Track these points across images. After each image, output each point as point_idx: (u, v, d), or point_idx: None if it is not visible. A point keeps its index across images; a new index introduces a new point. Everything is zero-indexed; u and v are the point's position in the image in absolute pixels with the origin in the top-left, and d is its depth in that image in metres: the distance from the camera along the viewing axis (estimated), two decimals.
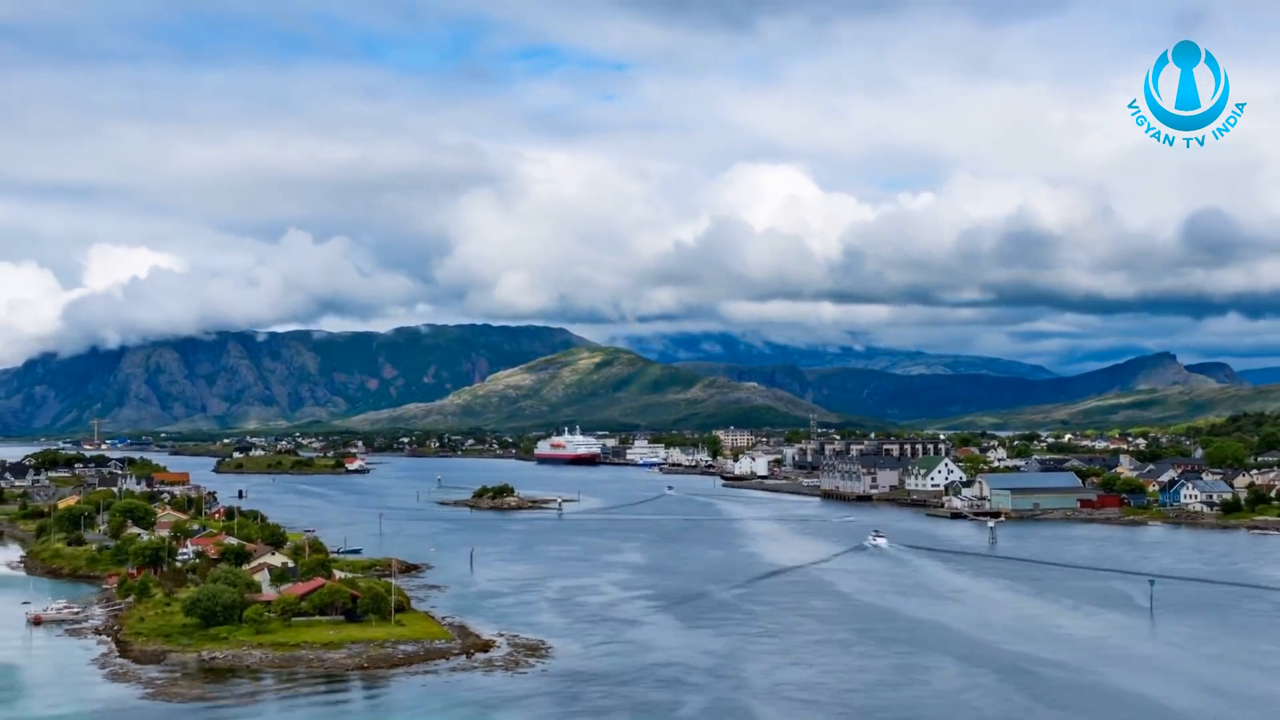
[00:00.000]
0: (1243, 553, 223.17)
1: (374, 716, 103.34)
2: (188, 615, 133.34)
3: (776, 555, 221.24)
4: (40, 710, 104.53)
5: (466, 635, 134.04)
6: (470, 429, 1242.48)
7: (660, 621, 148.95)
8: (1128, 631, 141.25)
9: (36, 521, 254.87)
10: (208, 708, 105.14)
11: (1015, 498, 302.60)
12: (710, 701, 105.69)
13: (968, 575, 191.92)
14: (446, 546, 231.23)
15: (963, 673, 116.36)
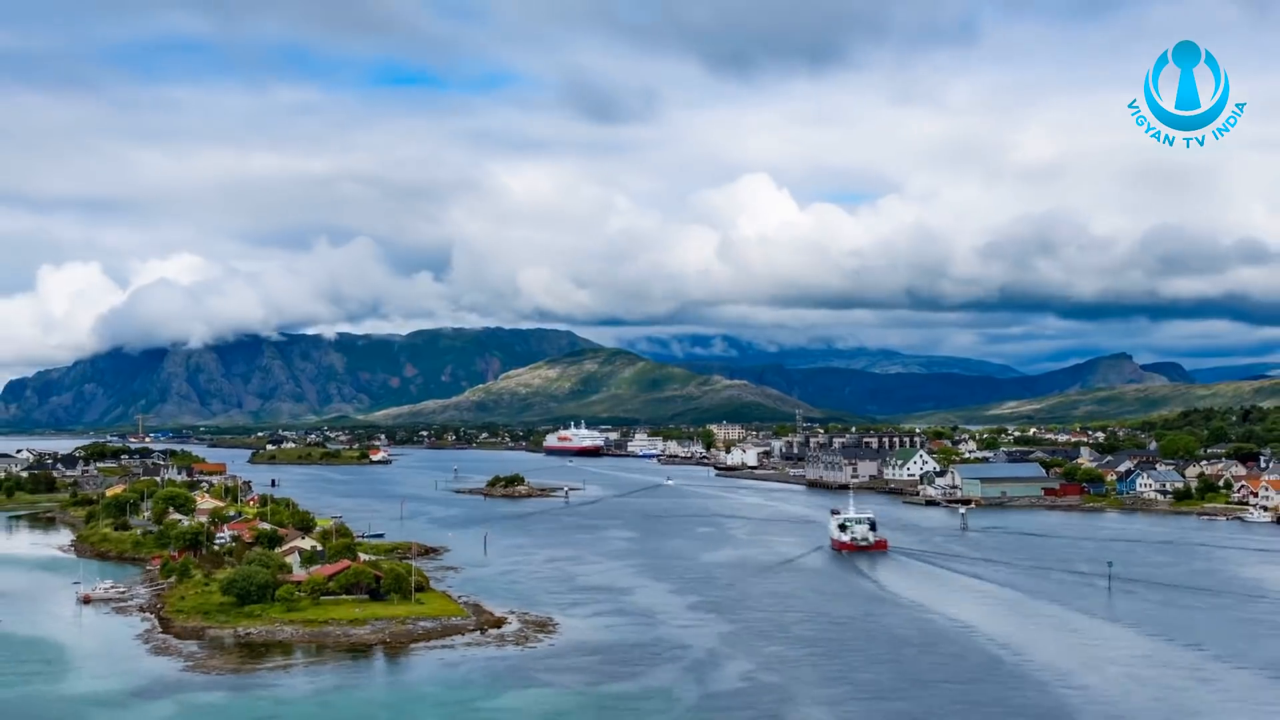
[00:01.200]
0: (1192, 536, 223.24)
1: (396, 688, 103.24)
2: (225, 594, 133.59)
3: (767, 545, 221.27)
4: (89, 681, 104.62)
5: (481, 613, 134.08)
6: (484, 423, 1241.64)
7: (660, 600, 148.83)
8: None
9: (86, 508, 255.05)
10: (243, 679, 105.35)
11: (984, 486, 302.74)
12: (702, 672, 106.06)
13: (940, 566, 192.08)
14: (462, 531, 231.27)
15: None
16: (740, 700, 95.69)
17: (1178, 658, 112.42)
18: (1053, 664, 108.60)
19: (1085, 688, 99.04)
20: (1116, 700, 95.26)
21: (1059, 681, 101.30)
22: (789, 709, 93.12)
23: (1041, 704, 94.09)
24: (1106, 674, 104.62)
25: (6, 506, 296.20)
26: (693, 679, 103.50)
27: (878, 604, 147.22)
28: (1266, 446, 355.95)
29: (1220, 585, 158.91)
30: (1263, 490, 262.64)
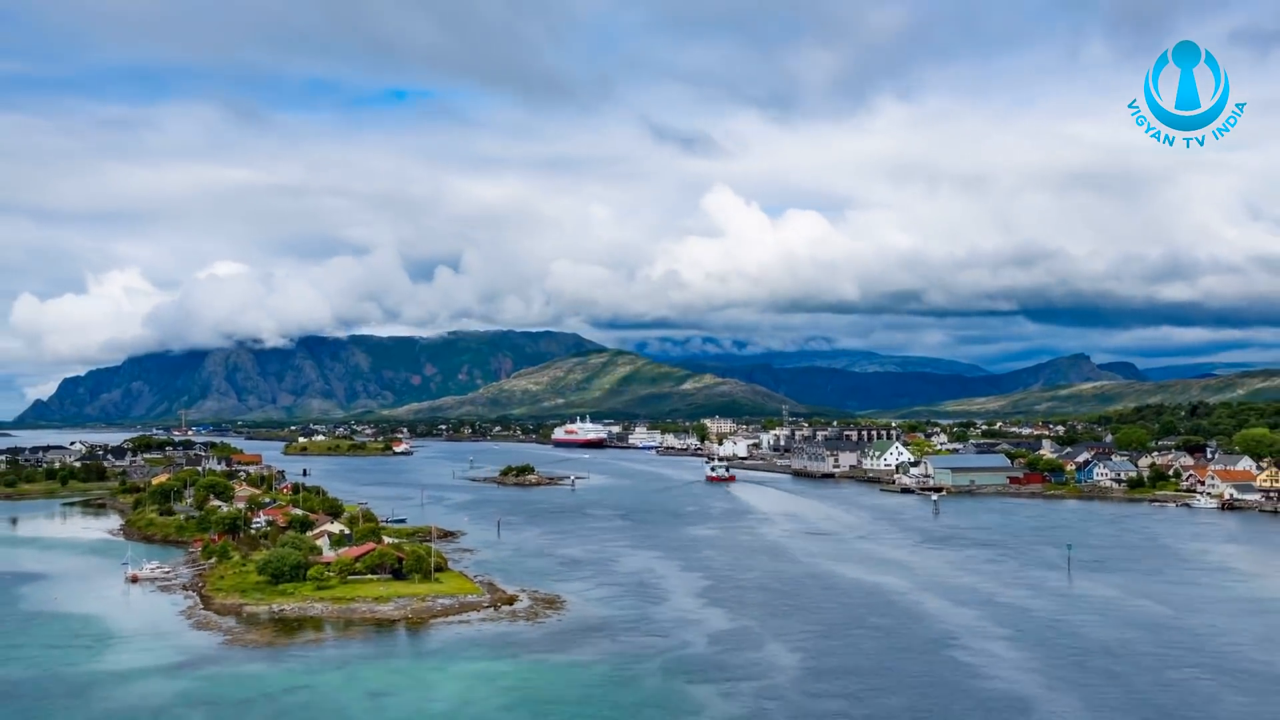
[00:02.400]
0: (1144, 520, 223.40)
1: (417, 659, 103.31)
2: (260, 574, 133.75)
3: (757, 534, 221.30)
4: (136, 654, 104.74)
5: (494, 591, 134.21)
6: (497, 418, 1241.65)
7: (660, 578, 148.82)
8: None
9: (133, 495, 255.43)
10: (277, 652, 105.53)
11: (955, 475, 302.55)
12: (695, 645, 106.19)
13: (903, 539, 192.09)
14: (477, 516, 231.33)
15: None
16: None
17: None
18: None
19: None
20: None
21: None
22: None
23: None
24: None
25: (61, 494, 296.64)
26: (682, 651, 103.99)
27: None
28: (1212, 439, 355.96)
29: (1143, 544, 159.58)
30: (1209, 479, 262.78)
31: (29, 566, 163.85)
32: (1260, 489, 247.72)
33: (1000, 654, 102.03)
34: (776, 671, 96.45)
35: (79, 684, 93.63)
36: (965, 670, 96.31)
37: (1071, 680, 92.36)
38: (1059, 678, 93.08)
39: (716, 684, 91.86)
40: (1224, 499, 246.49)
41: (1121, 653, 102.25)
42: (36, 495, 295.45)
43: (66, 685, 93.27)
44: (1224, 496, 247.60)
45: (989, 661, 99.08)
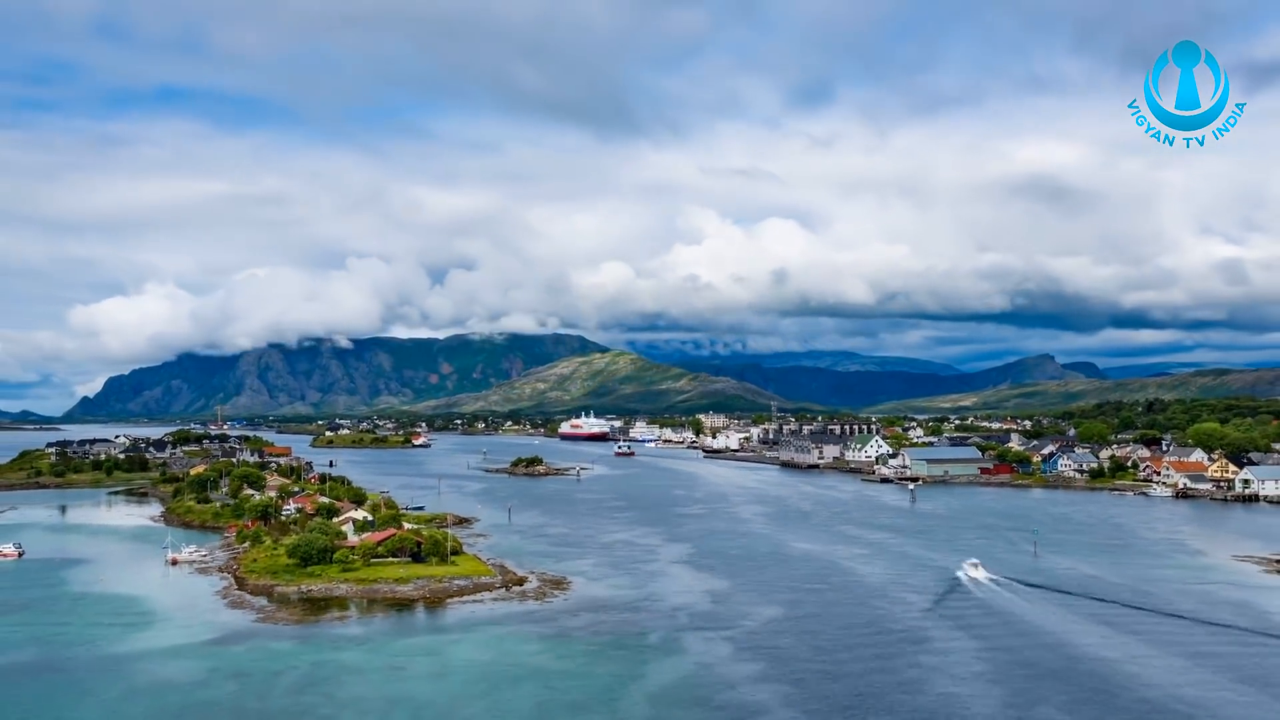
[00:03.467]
0: (1104, 507, 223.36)
1: (434, 636, 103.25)
2: (290, 557, 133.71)
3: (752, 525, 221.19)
4: (176, 630, 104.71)
5: (506, 573, 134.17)
6: (509, 413, 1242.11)
7: (659, 561, 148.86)
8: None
9: (173, 485, 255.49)
10: (306, 629, 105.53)
11: (930, 466, 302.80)
12: (690, 620, 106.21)
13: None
14: (490, 504, 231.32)
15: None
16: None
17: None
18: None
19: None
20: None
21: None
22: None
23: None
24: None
25: (106, 484, 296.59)
26: (676, 626, 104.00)
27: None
28: (1167, 433, 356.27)
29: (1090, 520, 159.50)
30: (1164, 470, 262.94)
31: (77, 551, 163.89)
32: (1211, 479, 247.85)
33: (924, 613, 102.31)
34: (750, 621, 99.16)
35: (123, 658, 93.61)
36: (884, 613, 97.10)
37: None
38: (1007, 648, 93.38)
39: (703, 632, 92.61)
40: (1178, 488, 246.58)
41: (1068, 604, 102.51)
42: (84, 485, 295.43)
43: (111, 659, 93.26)
44: (1178, 486, 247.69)
45: (919, 620, 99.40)
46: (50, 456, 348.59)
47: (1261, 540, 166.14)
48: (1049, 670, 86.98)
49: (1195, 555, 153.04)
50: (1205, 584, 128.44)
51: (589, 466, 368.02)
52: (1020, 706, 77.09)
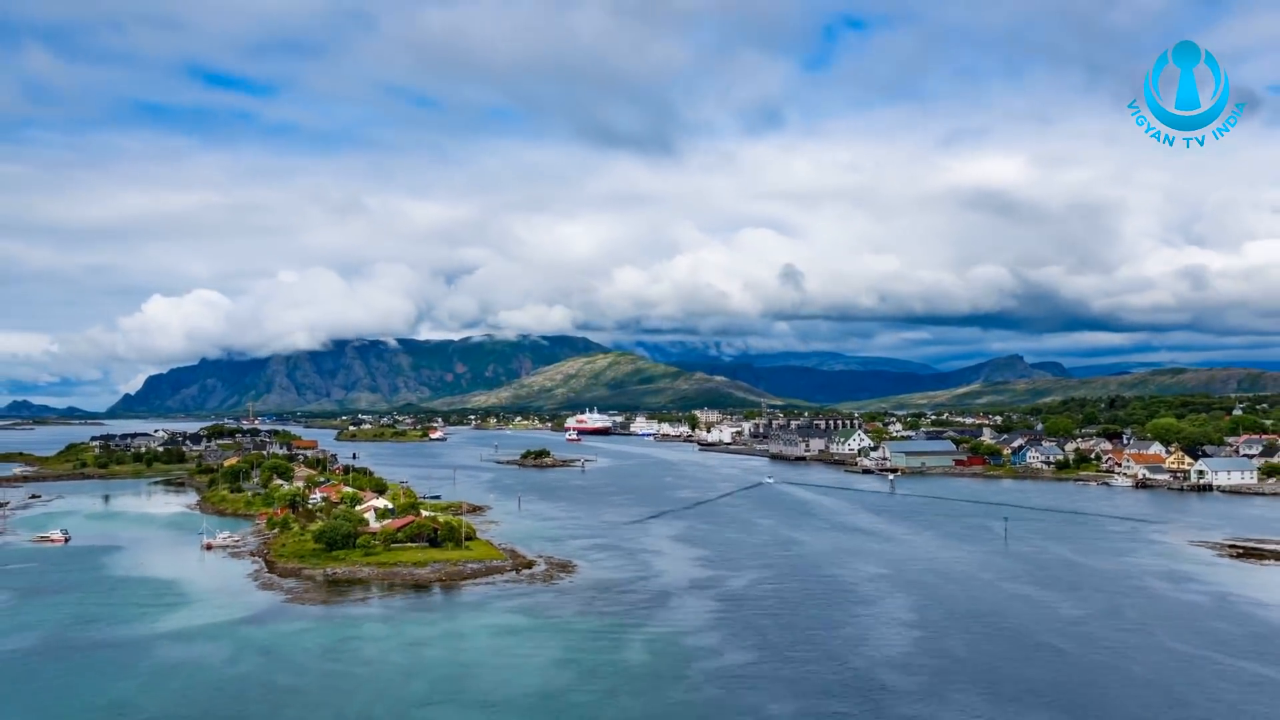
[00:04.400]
0: (1069, 496, 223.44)
1: (450, 615, 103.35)
2: (316, 542, 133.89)
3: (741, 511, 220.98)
4: (212, 610, 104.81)
5: (516, 556, 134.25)
6: (518, 409, 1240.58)
7: (658, 546, 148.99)
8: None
9: (208, 476, 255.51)
10: (331, 609, 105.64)
11: (908, 458, 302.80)
12: (682, 595, 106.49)
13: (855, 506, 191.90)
14: (501, 493, 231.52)
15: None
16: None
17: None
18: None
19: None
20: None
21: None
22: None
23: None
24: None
25: (146, 474, 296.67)
26: (673, 606, 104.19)
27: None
28: (1128, 427, 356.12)
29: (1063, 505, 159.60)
30: (1125, 462, 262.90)
31: (119, 536, 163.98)
32: (1168, 470, 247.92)
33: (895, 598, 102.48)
34: (733, 585, 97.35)
35: (161, 636, 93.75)
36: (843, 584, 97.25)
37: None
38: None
39: (696, 596, 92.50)
40: (1137, 478, 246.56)
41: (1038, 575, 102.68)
42: (125, 475, 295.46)
43: (151, 637, 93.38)
44: (1137, 476, 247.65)
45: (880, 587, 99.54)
46: (94, 449, 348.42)
47: (1215, 527, 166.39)
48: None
49: (1156, 542, 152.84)
50: (1168, 557, 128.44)
51: (593, 459, 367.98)
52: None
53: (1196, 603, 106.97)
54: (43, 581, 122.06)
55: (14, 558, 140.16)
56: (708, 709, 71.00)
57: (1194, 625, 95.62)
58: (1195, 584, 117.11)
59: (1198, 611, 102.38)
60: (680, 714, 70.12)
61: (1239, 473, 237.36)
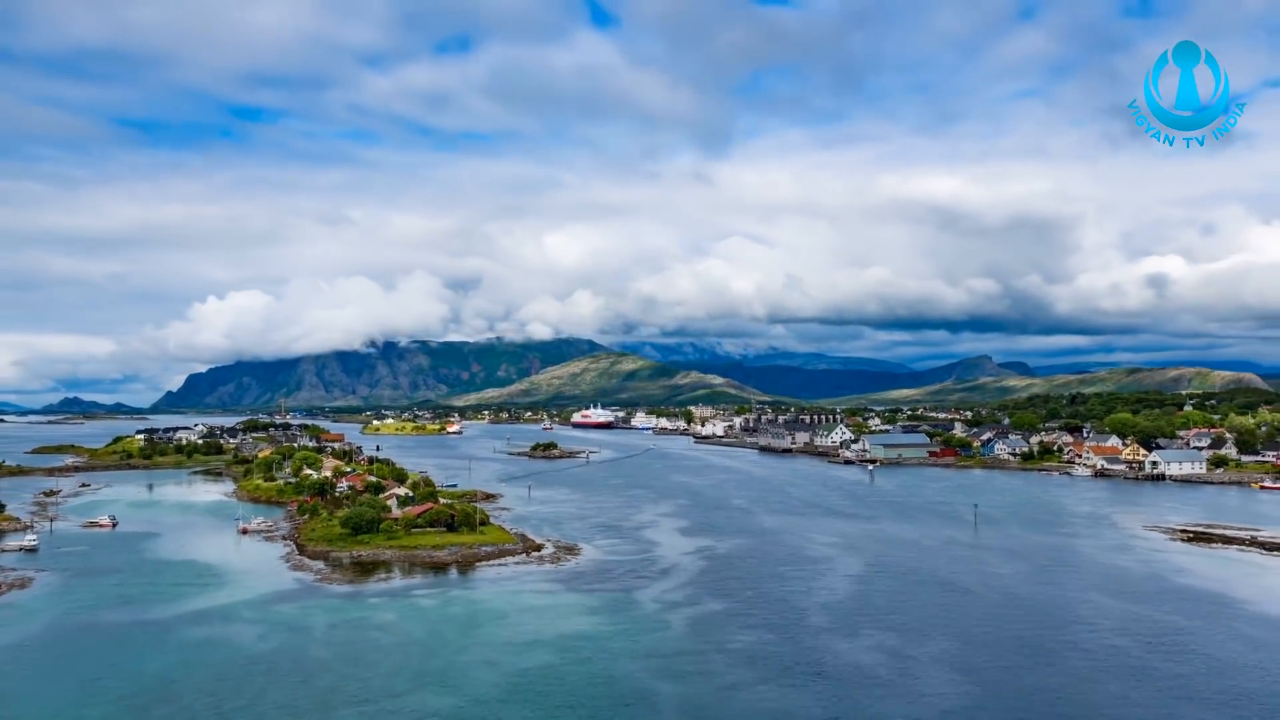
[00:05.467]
0: (1034, 485, 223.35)
1: (466, 593, 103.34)
2: (343, 527, 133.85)
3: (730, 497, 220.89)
4: (247, 589, 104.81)
5: (526, 540, 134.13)
6: (529, 405, 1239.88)
7: (654, 528, 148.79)
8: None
9: (243, 466, 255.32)
10: (356, 588, 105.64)
11: (886, 450, 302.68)
12: (675, 572, 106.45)
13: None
14: (512, 482, 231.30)
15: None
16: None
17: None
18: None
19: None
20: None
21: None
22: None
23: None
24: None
25: (186, 465, 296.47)
26: (671, 581, 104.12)
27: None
28: (1088, 422, 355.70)
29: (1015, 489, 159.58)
30: (1085, 453, 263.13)
31: (162, 522, 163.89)
32: (1124, 461, 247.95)
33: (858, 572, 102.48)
34: (715, 557, 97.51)
35: (200, 613, 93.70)
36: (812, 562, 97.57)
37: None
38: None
39: (683, 569, 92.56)
40: (1096, 469, 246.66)
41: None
42: (167, 466, 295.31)
43: (191, 614, 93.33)
44: (1096, 467, 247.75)
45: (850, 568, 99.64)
46: (139, 441, 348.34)
47: (1170, 512, 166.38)
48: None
49: (1112, 523, 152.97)
50: (1122, 541, 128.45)
51: (596, 451, 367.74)
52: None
53: (1121, 566, 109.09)
54: (92, 563, 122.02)
55: (66, 541, 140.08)
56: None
57: (1099, 576, 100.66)
58: (1130, 555, 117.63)
59: (1116, 570, 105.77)
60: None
61: (1189, 463, 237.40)
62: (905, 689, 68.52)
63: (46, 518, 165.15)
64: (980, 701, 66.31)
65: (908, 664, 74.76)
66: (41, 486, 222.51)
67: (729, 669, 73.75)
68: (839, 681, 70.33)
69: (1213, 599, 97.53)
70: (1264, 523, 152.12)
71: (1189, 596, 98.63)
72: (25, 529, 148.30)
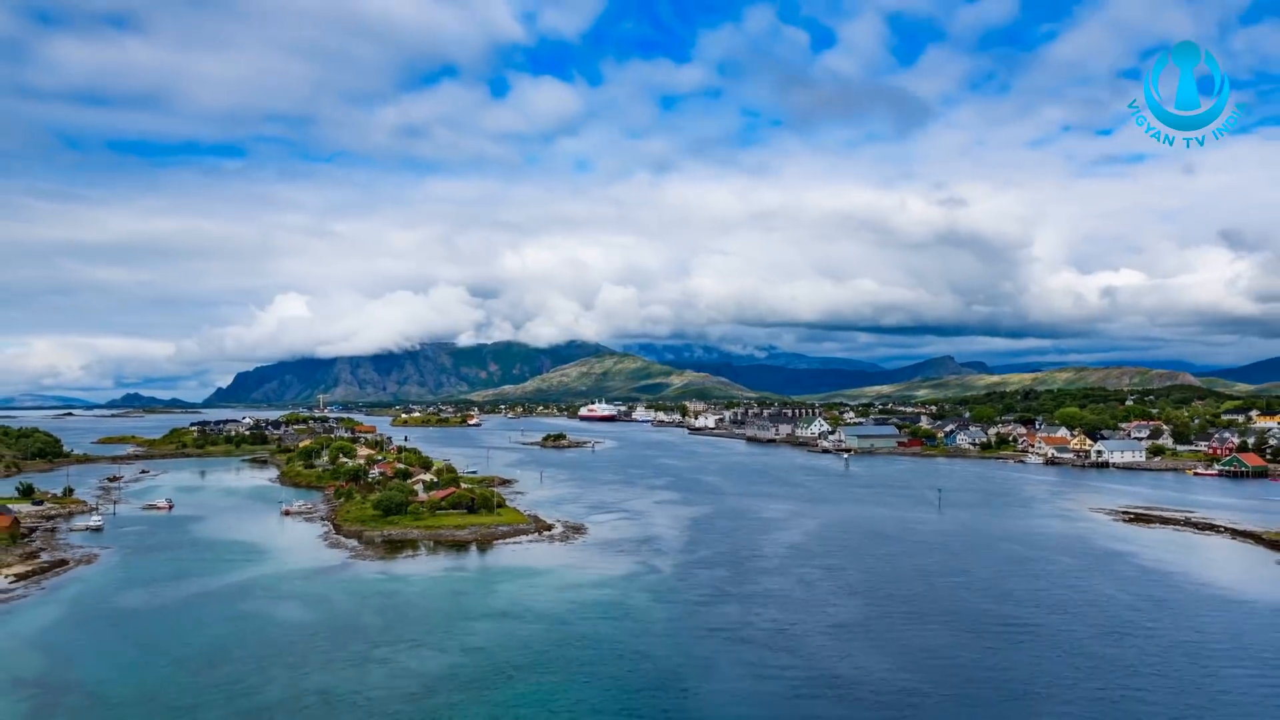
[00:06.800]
0: (992, 471, 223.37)
1: (484, 565, 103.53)
2: (375, 509, 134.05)
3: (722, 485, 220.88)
4: (289, 564, 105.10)
5: (538, 521, 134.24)
6: (540, 400, 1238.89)
7: (653, 508, 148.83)
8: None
9: (286, 455, 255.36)
10: (387, 563, 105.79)
11: (860, 440, 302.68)
12: (672, 546, 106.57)
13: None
14: (526, 469, 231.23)
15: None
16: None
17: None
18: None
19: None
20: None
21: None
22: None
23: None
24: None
25: (235, 454, 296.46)
26: (667, 558, 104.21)
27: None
28: (1040, 415, 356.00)
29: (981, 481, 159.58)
30: (1037, 443, 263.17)
31: (213, 504, 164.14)
32: (1072, 450, 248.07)
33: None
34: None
35: (248, 585, 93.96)
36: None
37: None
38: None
39: (672, 539, 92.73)
40: (1047, 457, 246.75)
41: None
42: (218, 454, 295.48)
43: (239, 586, 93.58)
44: (1047, 455, 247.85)
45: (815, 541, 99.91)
46: (193, 433, 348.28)
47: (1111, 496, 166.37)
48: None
49: (1058, 504, 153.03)
50: (1066, 517, 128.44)
51: (601, 441, 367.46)
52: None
53: (1068, 542, 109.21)
54: (151, 541, 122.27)
55: (127, 522, 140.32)
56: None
57: (1046, 549, 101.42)
58: (1077, 533, 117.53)
59: (1063, 545, 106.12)
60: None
61: (1130, 452, 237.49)
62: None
63: (110, 501, 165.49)
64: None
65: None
66: (106, 473, 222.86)
67: (698, 598, 78.26)
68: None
69: (1149, 571, 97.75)
70: (1196, 505, 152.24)
71: (1129, 569, 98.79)
72: (92, 511, 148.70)
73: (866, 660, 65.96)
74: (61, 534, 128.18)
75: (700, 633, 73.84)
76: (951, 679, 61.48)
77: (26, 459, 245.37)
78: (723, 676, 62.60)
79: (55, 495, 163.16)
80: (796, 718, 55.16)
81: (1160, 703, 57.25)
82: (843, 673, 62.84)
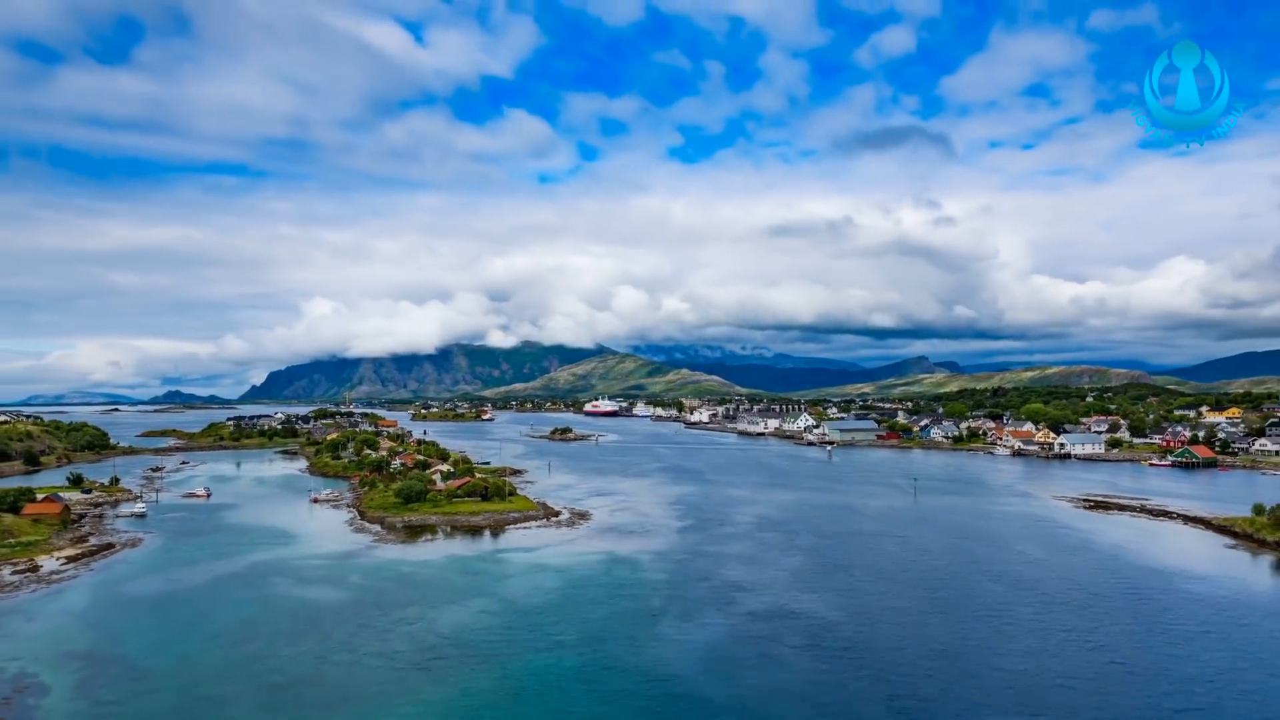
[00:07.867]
0: (963, 462, 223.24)
1: (497, 549, 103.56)
2: (396, 497, 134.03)
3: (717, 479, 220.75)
4: (317, 547, 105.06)
5: (546, 508, 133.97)
6: (549, 397, 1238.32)
7: (652, 495, 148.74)
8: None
9: (315, 447, 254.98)
10: (408, 547, 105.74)
11: (842, 434, 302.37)
12: (660, 528, 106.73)
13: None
14: (535, 460, 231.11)
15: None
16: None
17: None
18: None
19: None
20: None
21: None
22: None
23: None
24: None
25: (269, 446, 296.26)
26: (666, 544, 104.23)
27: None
28: (1007, 411, 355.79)
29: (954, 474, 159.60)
30: (1005, 437, 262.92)
31: (248, 493, 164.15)
32: (1037, 443, 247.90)
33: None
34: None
35: (280, 566, 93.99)
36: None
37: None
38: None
39: (667, 525, 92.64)
40: (1014, 449, 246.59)
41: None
42: (253, 447, 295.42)
43: (271, 567, 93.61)
44: (1014, 448, 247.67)
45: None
46: (229, 427, 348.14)
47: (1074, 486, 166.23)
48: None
49: (1023, 494, 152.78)
50: (1032, 511, 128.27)
51: (604, 434, 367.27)
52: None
53: (1032, 527, 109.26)
54: (190, 527, 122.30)
55: (169, 509, 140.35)
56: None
57: (1011, 535, 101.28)
58: (1040, 519, 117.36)
59: (1028, 530, 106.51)
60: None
61: (1090, 445, 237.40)
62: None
63: (153, 489, 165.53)
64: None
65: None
66: (149, 464, 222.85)
67: (681, 560, 76.47)
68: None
69: (1107, 553, 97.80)
70: (1151, 494, 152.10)
71: (1088, 552, 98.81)
72: (136, 499, 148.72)
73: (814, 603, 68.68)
74: (108, 520, 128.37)
75: (690, 583, 77.05)
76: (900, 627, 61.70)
77: (76, 451, 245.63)
78: (704, 618, 64.33)
79: (103, 484, 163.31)
80: (750, 637, 63.98)
81: (1099, 663, 57.36)
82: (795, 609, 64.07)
